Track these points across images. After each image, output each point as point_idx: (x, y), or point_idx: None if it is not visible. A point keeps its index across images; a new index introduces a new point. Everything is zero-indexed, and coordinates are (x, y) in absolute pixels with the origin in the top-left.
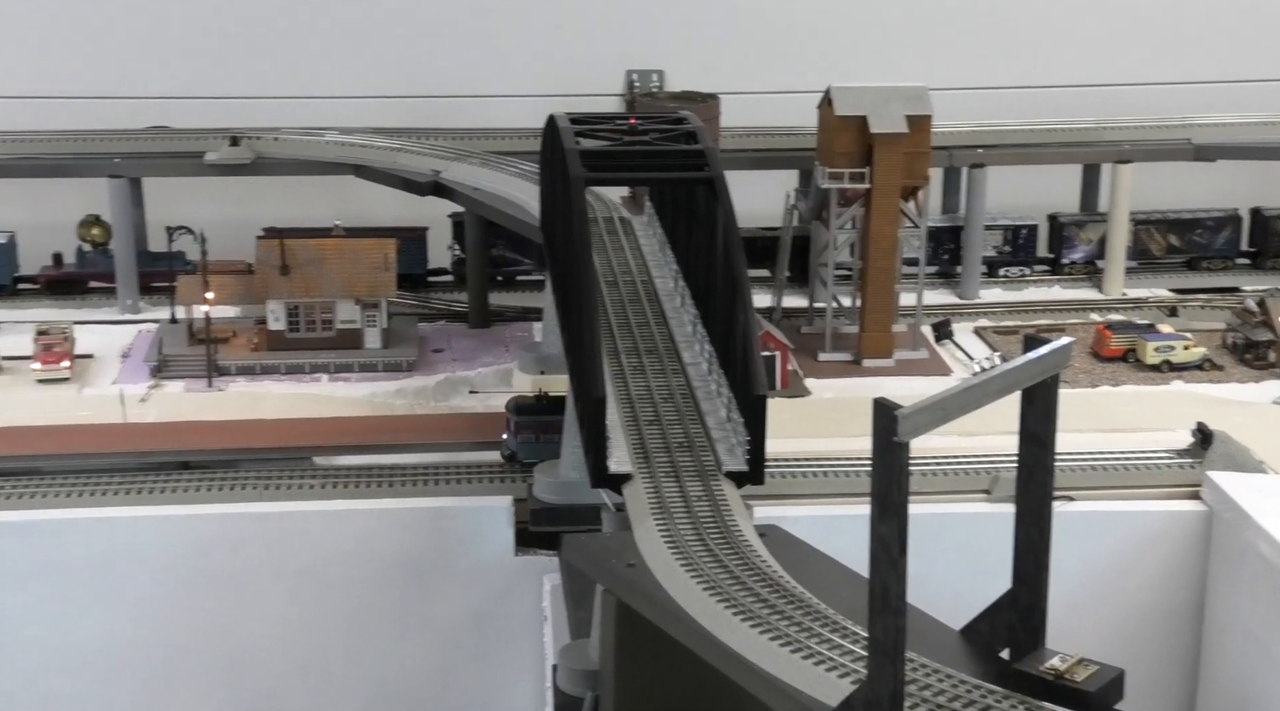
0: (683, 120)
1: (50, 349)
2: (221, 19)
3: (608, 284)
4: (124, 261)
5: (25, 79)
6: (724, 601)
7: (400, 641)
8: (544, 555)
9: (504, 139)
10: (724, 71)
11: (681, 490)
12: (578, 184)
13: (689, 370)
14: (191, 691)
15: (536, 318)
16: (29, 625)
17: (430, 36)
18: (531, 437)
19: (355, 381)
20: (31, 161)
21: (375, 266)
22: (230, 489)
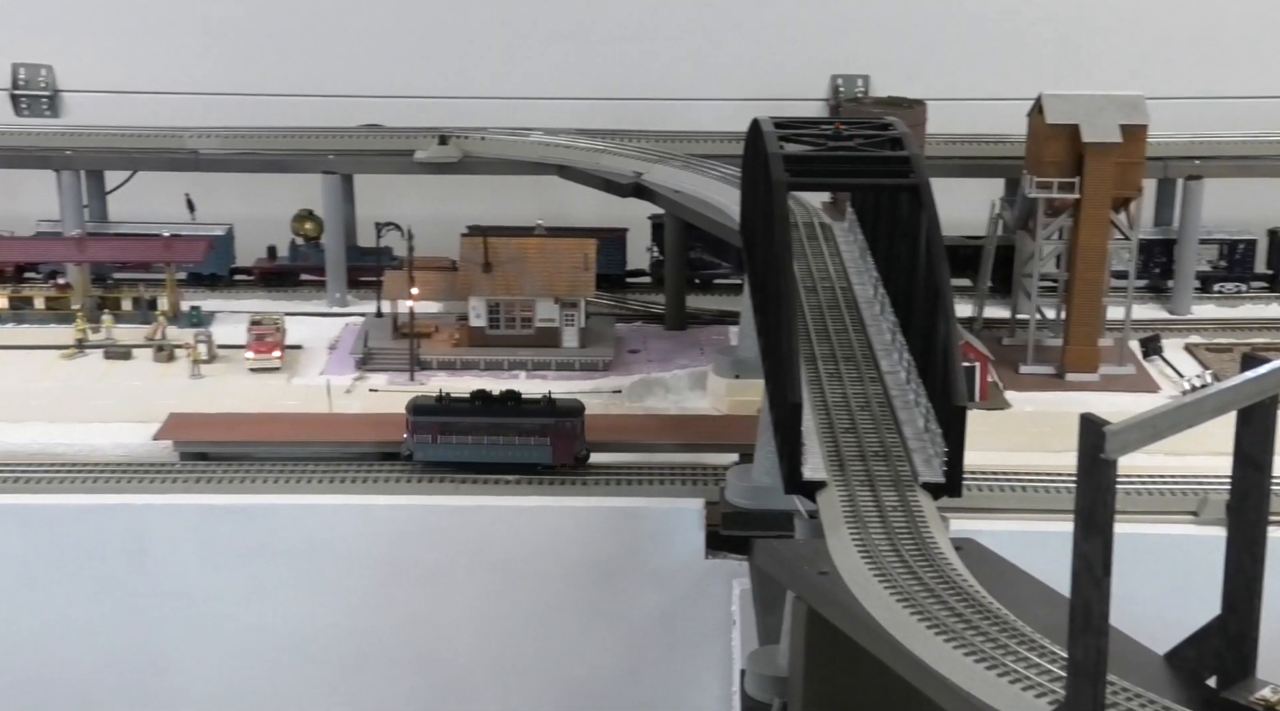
0: (888, 126)
1: (262, 339)
2: (434, 22)
3: (806, 289)
4: (334, 256)
5: (246, 77)
6: (917, 613)
7: (588, 639)
8: (734, 559)
9: (706, 142)
10: (930, 77)
11: (876, 499)
12: (780, 188)
13: (886, 378)
14: (385, 679)
15: (733, 321)
16: (234, 606)
17: (636, 39)
18: (428, 438)
19: (552, 379)
20: (250, 157)
21: (575, 266)
22: (428, 481)
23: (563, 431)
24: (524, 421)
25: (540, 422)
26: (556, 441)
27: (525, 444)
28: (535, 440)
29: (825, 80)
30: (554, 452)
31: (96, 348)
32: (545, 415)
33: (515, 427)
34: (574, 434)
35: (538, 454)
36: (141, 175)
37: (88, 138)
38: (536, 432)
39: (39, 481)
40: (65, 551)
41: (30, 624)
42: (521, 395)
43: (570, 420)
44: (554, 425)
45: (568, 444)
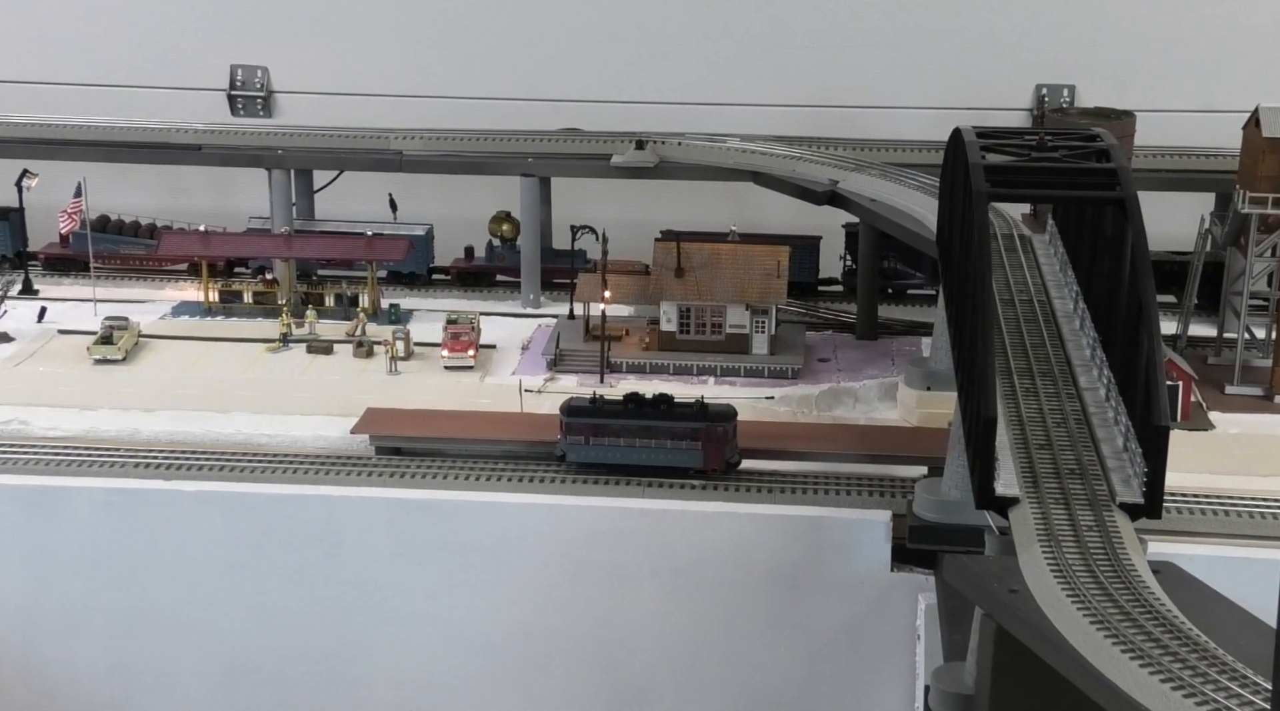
0: (1095, 137)
1: (458, 337)
2: (634, 27)
3: (1003, 302)
4: (529, 257)
5: (450, 80)
6: (1112, 637)
7: (770, 647)
8: (920, 573)
9: (904, 151)
10: (1139, 87)
11: (1071, 518)
12: (980, 199)
13: (1085, 395)
14: (567, 678)
15: (925, 332)
16: (422, 599)
17: (836, 47)
18: (581, 439)
19: (740, 385)
20: (452, 158)
21: (767, 273)
22: (615, 483)
23: (714, 436)
24: (676, 425)
25: (692, 427)
26: (708, 446)
27: (677, 448)
28: (687, 444)
29: (1029, 90)
30: (705, 457)
31: (300, 342)
32: (697, 419)
33: (667, 431)
34: (725, 439)
35: (689, 458)
36: (347, 175)
37: (298, 138)
38: (688, 436)
39: (242, 470)
40: (263, 538)
41: (228, 606)
42: (674, 399)
43: (722, 425)
44: (705, 429)
45: (719, 449)
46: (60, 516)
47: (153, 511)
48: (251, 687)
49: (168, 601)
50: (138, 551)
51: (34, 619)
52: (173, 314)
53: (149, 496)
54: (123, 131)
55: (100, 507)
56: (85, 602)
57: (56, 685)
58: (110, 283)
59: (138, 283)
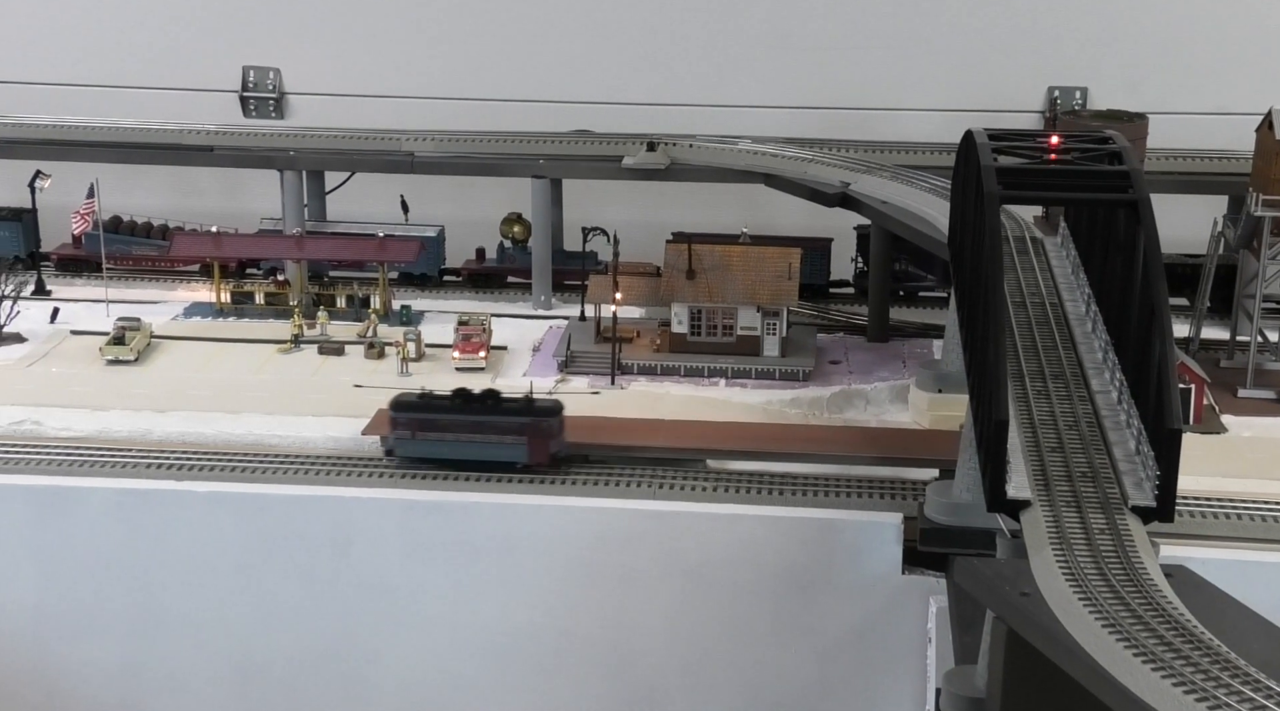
0: (1107, 139)
1: (469, 339)
2: (646, 29)
3: (1015, 304)
4: (540, 259)
5: (461, 82)
6: (1124, 641)
7: (780, 650)
8: (931, 575)
9: (916, 153)
10: (1152, 90)
11: (1083, 521)
12: (992, 201)
13: (1097, 398)
14: (577, 679)
15: (937, 335)
16: (433, 600)
17: (847, 48)
18: (408, 434)
19: (752, 388)
20: (463, 160)
21: (779, 275)
22: (625, 485)
23: (538, 431)
24: (501, 420)
25: (517, 421)
26: (532, 441)
27: (501, 442)
28: (512, 439)
29: (1042, 92)
30: (530, 452)
31: (311, 343)
32: (522, 414)
33: (492, 426)
34: (550, 433)
35: (513, 453)
36: (359, 176)
37: (310, 139)
38: (513, 431)
39: (253, 471)
40: (274, 539)
41: (239, 606)
42: (501, 394)
43: (547, 420)
44: (530, 425)
45: (543, 443)
46: (72, 516)
47: (164, 512)
48: (262, 687)
49: (179, 601)
50: (149, 551)
51: (46, 618)
52: (185, 315)
53: (160, 497)
54: (135, 133)
55: (112, 508)
56: (97, 602)
57: (68, 684)
58: (122, 283)
59: (150, 283)
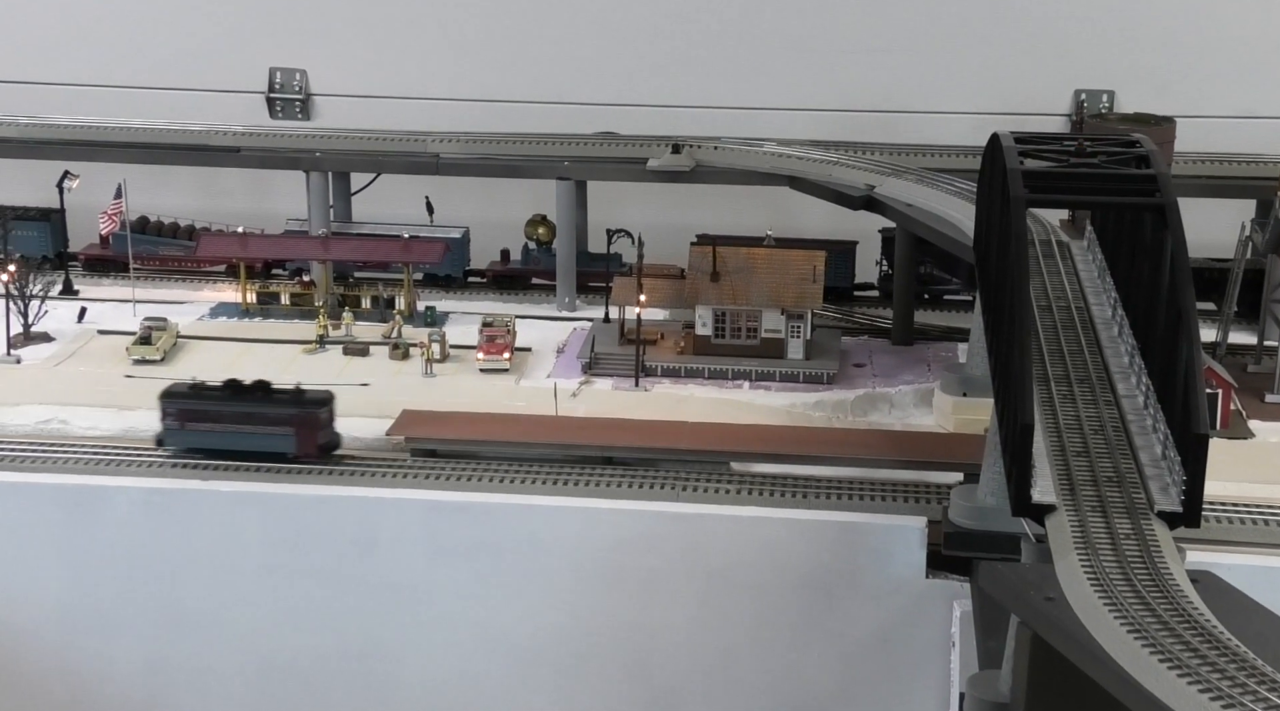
0: (1134, 143)
1: (493, 340)
2: (670, 32)
3: (1041, 308)
4: (565, 260)
5: (487, 84)
6: (1150, 646)
7: (803, 653)
8: (955, 579)
9: (941, 156)
10: (1179, 93)
11: (1108, 526)
12: (1018, 205)
13: (1123, 402)
14: (601, 680)
15: (962, 338)
16: (456, 601)
17: (873, 51)
18: (177, 425)
19: (775, 390)
20: (488, 162)
21: (803, 278)
22: (649, 487)
23: (307, 421)
24: (269, 410)
25: (285, 412)
26: (300, 431)
27: (270, 433)
28: (280, 430)
29: (1068, 95)
30: (298, 442)
31: (336, 344)
32: (290, 405)
33: (261, 416)
34: (319, 424)
35: (282, 443)
36: (384, 177)
37: (336, 140)
38: (281, 422)
39: (277, 471)
40: (299, 539)
41: (263, 606)
42: (271, 385)
43: (315, 411)
44: (297, 415)
45: (311, 434)
46: (98, 515)
47: (189, 511)
48: (286, 687)
49: (203, 600)
50: (174, 550)
51: (72, 615)
52: (211, 315)
53: (185, 496)
54: (162, 133)
55: (137, 507)
56: (122, 600)
57: (94, 682)
58: (149, 283)
59: (176, 284)
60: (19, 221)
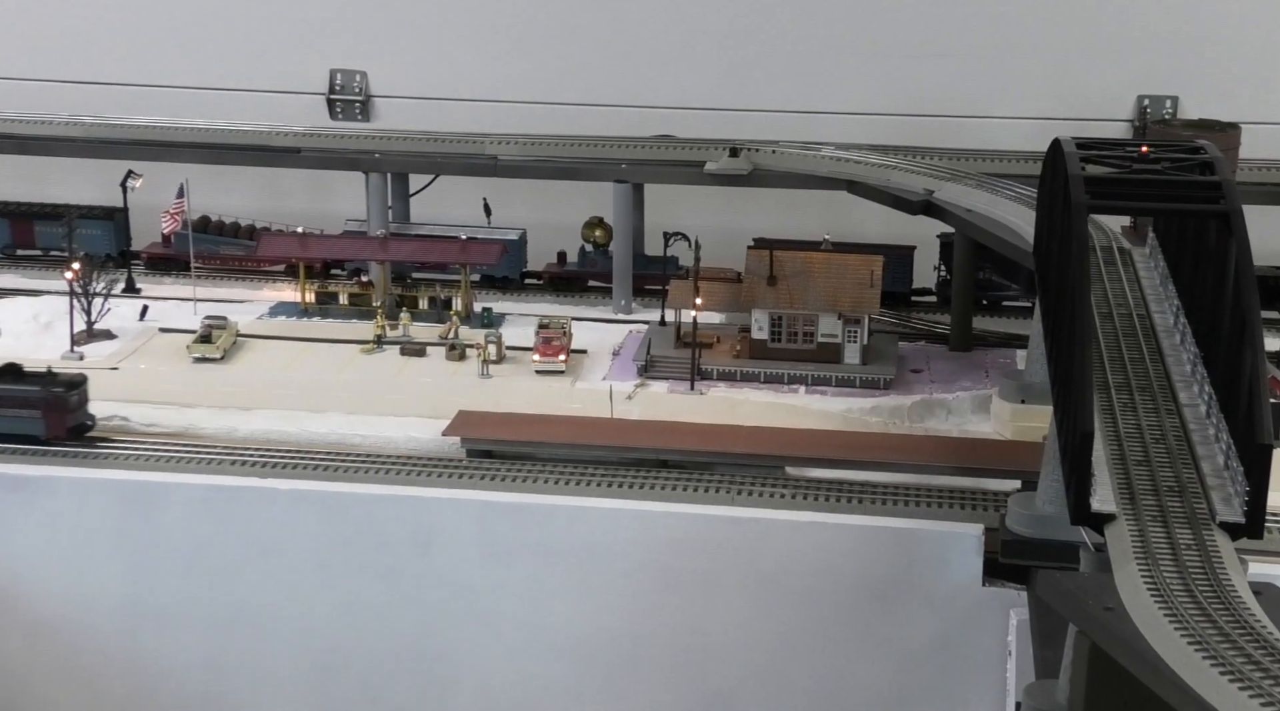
0: (1199, 149)
1: (549, 342)
2: (729, 35)
3: (1101, 315)
4: (621, 263)
5: (545, 86)
6: (1210, 658)
7: (857, 659)
8: (1012, 588)
9: (1001, 161)
10: (1245, 99)
11: (1169, 536)
12: (1080, 211)
13: (1185, 411)
14: (653, 683)
15: (1020, 344)
16: (511, 601)
17: (933, 55)
18: None
19: (831, 395)
20: (546, 164)
21: (860, 282)
22: (704, 491)
23: (55, 403)
24: (17, 392)
25: (32, 394)
26: (48, 414)
27: (18, 415)
28: (28, 412)
29: (1131, 100)
30: (46, 425)
31: (394, 344)
32: (40, 387)
33: (9, 398)
34: (68, 407)
35: (31, 426)
36: (443, 179)
37: (395, 142)
38: (29, 404)
39: (335, 470)
40: (355, 538)
41: (320, 604)
42: (22, 367)
43: (64, 393)
44: (45, 397)
45: (60, 417)
46: (158, 511)
47: (248, 508)
48: (342, 685)
49: (261, 597)
50: (233, 547)
51: (133, 611)
52: (270, 314)
53: (244, 494)
54: (225, 134)
55: (197, 504)
56: (182, 597)
57: (154, 677)
58: (210, 282)
59: (236, 283)
60: (84, 220)
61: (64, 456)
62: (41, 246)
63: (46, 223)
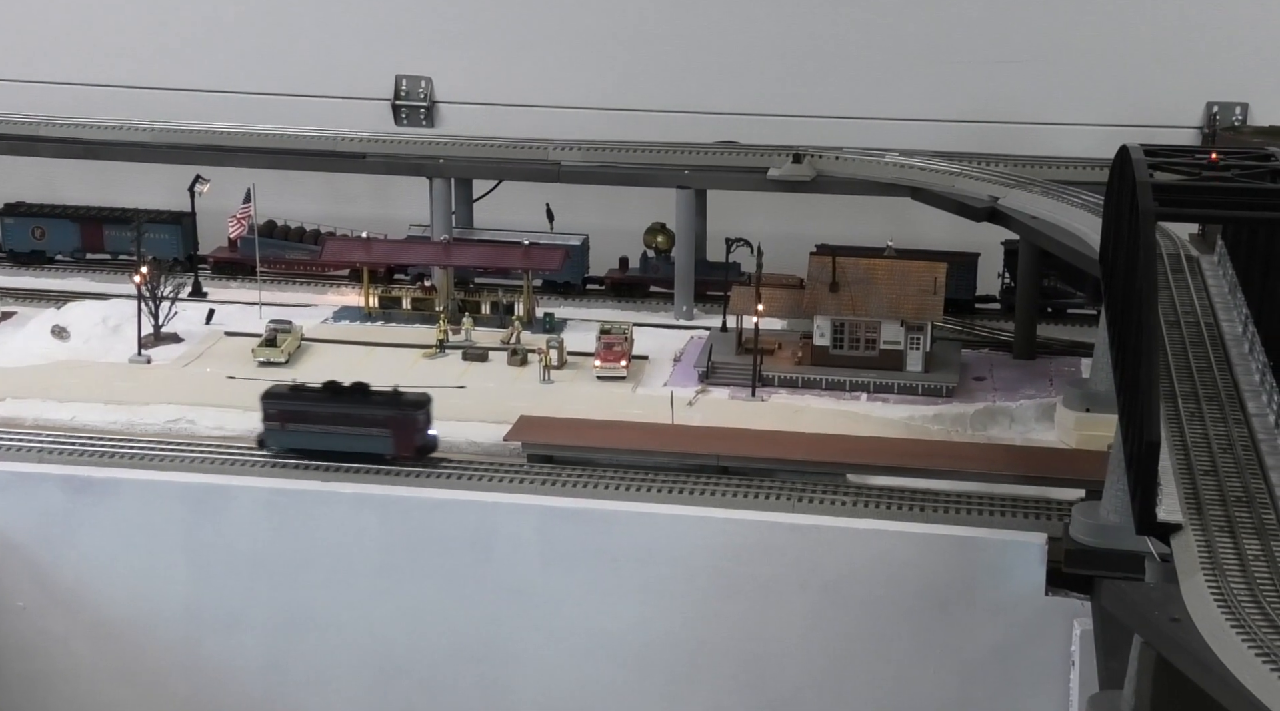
0: (1269, 157)
1: (611, 348)
2: (793, 41)
3: (1169, 324)
4: (683, 269)
5: (609, 92)
6: (1278, 671)
7: (918, 668)
8: (1076, 598)
9: (1068, 168)
10: None
11: (1237, 547)
12: (1148, 218)
13: (1253, 421)
14: (713, 691)
15: (1085, 353)
16: (571, 606)
17: (998, 61)
18: (277, 425)
19: (894, 402)
20: (609, 170)
21: (923, 289)
22: (765, 497)
23: (404, 423)
24: (367, 412)
25: (383, 414)
26: (397, 432)
27: (368, 434)
28: (377, 431)
29: (1200, 107)
30: (395, 443)
31: (456, 349)
32: (388, 407)
33: (359, 417)
34: (415, 426)
35: (379, 444)
36: (506, 184)
37: (459, 147)
38: (379, 423)
39: (396, 474)
40: (417, 541)
41: (382, 608)
42: (369, 387)
43: (412, 412)
44: (395, 417)
45: (409, 436)
46: (223, 514)
47: (310, 511)
48: (403, 689)
49: (323, 600)
50: (295, 550)
51: (196, 613)
52: (334, 318)
53: (307, 497)
54: (291, 140)
55: (261, 506)
56: (244, 599)
57: (214, 679)
58: (275, 286)
59: (301, 287)
60: (152, 224)
61: (129, 458)
62: (110, 250)
63: (115, 227)
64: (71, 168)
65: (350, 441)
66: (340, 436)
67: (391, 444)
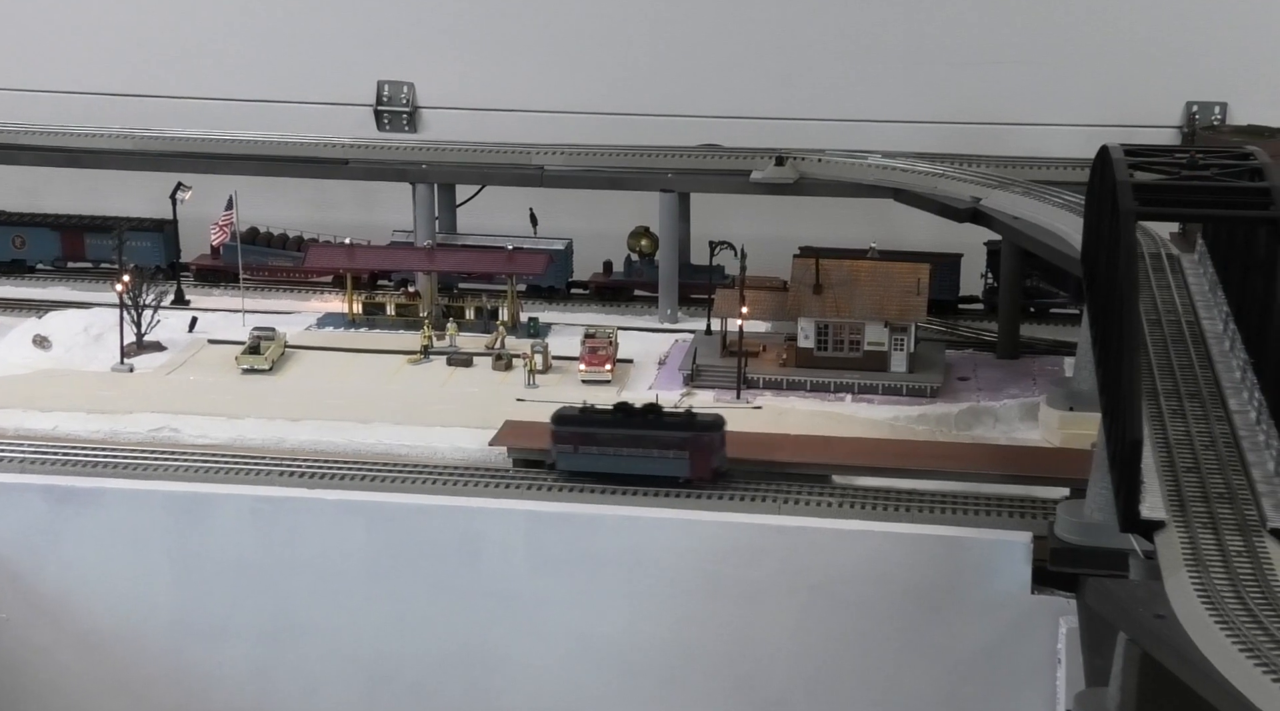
0: (1248, 156)
1: (595, 351)
2: (774, 43)
3: (1150, 322)
4: (667, 272)
5: (591, 96)
6: (1263, 666)
7: (906, 668)
8: (1061, 596)
9: (1049, 168)
10: None
11: (1219, 543)
12: (1128, 218)
13: (1234, 418)
14: (702, 694)
15: (1068, 352)
16: (559, 611)
17: (979, 63)
18: (570, 448)
19: (878, 403)
20: (592, 174)
21: (907, 290)
22: (751, 499)
23: (701, 445)
24: (663, 434)
25: (679, 436)
26: (695, 455)
27: (664, 457)
28: (674, 453)
29: (1180, 107)
30: (692, 466)
31: (440, 354)
32: (684, 429)
33: (654, 440)
34: (712, 448)
35: (675, 467)
36: (489, 189)
37: (442, 153)
38: (675, 445)
39: (383, 480)
40: (403, 548)
41: (369, 614)
42: (663, 409)
43: (709, 434)
44: (692, 439)
45: (705, 458)
46: (207, 522)
47: (296, 519)
48: (391, 695)
49: (309, 607)
50: (281, 558)
51: (182, 622)
52: (318, 325)
53: (292, 504)
54: (273, 146)
55: (245, 514)
56: (231, 607)
57: (202, 687)
58: (258, 294)
59: (285, 294)
60: (133, 232)
61: (112, 468)
62: (92, 258)
63: (97, 235)
64: (52, 176)
65: (646, 464)
66: (635, 459)
67: (688, 466)
